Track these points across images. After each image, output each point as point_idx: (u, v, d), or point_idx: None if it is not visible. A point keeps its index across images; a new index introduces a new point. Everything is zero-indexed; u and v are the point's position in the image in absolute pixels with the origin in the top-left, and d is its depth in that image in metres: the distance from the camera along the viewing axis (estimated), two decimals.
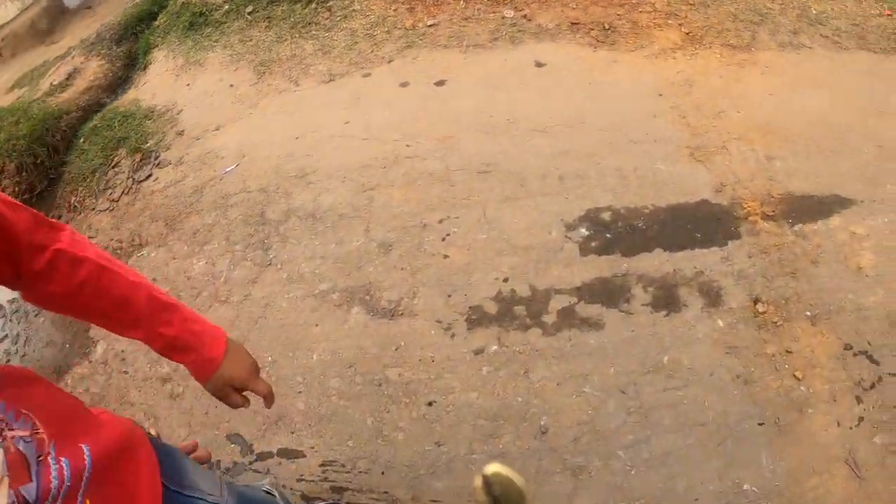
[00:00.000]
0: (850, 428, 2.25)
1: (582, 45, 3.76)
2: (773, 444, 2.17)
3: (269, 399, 1.16)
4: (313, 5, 4.18)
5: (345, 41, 3.91)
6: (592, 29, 3.89)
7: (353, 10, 4.11)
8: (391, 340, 2.34)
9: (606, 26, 3.89)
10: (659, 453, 2.13)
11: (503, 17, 3.95)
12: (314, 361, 2.35)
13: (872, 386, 2.36)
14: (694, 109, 3.15)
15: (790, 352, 2.34)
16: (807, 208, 2.76)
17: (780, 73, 3.57)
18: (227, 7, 4.32)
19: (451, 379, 2.24)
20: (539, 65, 3.57)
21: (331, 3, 4.20)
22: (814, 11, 4.32)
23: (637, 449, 2.13)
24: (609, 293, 2.41)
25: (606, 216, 2.63)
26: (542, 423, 2.15)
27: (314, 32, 4.03)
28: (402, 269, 2.55)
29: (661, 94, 3.26)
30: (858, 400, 2.31)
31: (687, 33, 3.86)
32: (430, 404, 2.21)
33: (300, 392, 2.29)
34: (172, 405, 2.37)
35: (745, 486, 2.09)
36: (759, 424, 2.20)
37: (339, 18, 4.09)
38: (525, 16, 3.96)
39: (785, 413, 2.23)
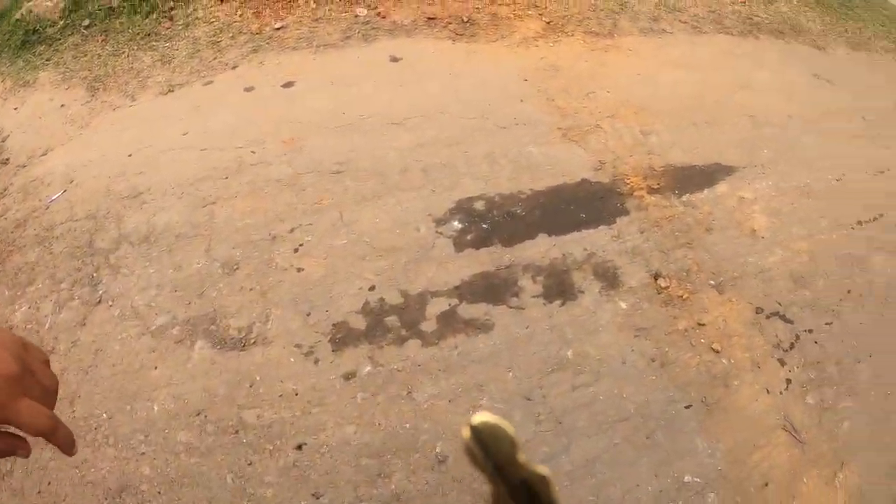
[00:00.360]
0: (780, 393, 2.57)
1: (440, 38, 4.21)
2: (705, 425, 2.39)
3: (58, 439, 0.78)
4: (154, 15, 4.42)
5: (186, 50, 4.10)
6: (450, 23, 4.38)
7: (197, 17, 4.37)
8: (244, 376, 2.31)
9: (465, 19, 4.41)
10: (582, 462, 2.24)
11: (356, 16, 4.35)
12: (156, 413, 2.24)
13: (792, 346, 2.73)
14: (562, 92, 3.61)
15: (703, 324, 2.64)
16: (691, 178, 3.22)
17: (645, 56, 4.22)
18: (62, 23, 4.48)
19: (321, 413, 2.23)
20: (394, 60, 3.91)
21: (173, 11, 4.45)
22: (671, 0, 5.20)
23: (556, 461, 2.23)
24: (494, 289, 2.58)
25: (480, 205, 2.86)
26: (437, 450, 2.19)
27: (154, 43, 4.21)
28: (250, 289, 2.56)
29: (526, 80, 3.71)
30: (781, 362, 2.65)
31: (548, 23, 4.48)
32: (299, 448, 2.17)
33: (143, 453, 2.16)
34: (0, 486, 2.13)
35: (686, 478, 2.27)
36: (686, 408, 2.41)
37: (181, 27, 4.32)
38: (379, 13, 4.40)
39: (711, 390, 2.48)
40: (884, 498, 2.45)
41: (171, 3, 4.47)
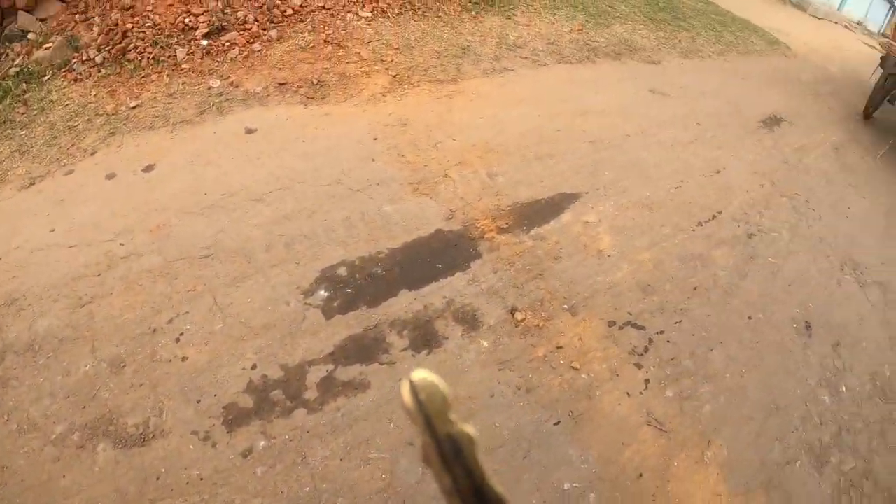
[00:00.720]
0: (641, 393, 3.07)
1: (292, 104, 4.61)
2: (575, 437, 2.84)
3: None
4: (8, 101, 4.50)
5: (44, 137, 4.23)
6: (301, 87, 4.80)
7: (51, 100, 4.51)
8: (150, 470, 2.54)
9: (315, 82, 4.84)
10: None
11: (209, 88, 4.68)
12: None
13: (646, 349, 3.26)
14: (411, 146, 4.09)
15: (560, 347, 3.12)
16: (538, 212, 3.76)
17: (488, 97, 4.80)
18: None
19: (228, 493, 2.50)
20: (249, 131, 4.26)
21: (27, 95, 4.55)
22: (511, 38, 5.93)
23: None
24: (365, 349, 2.96)
25: (343, 271, 3.25)
26: None
27: (10, 132, 4.29)
28: (140, 385, 2.79)
29: (376, 138, 4.16)
30: (638, 366, 3.17)
31: (394, 76, 5.00)
32: None
33: None
34: None
35: (566, 486, 2.70)
36: (556, 424, 2.86)
37: (36, 112, 4.44)
38: (232, 83, 4.75)
39: (575, 405, 2.95)
40: (751, 462, 3.00)
41: (24, 86, 4.65)
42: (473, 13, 6.12)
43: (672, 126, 5.21)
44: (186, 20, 5.12)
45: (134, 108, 4.48)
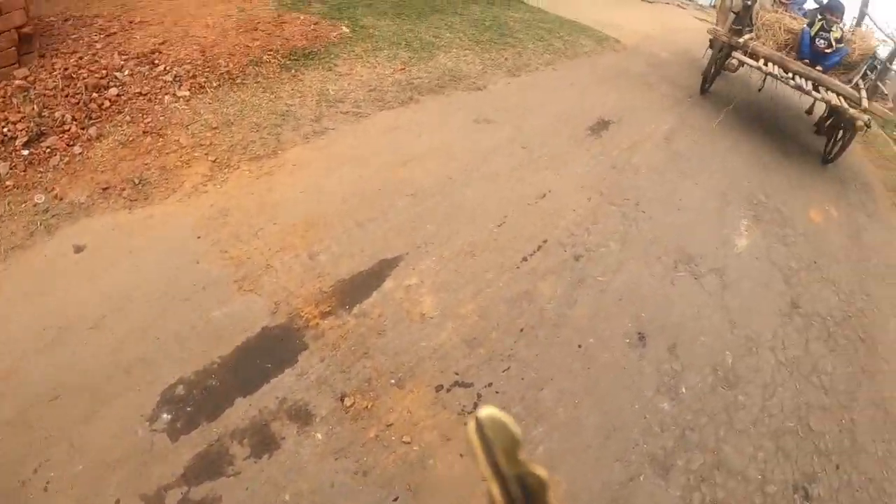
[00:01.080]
0: None
1: (116, 209, 4.72)
2: None
3: None
4: None
5: None
6: (125, 188, 4.91)
7: None
8: None
9: (137, 181, 4.97)
10: None
11: (35, 205, 4.69)
12: None
13: (475, 406, 3.67)
14: (233, 239, 4.36)
15: (391, 424, 3.51)
16: (358, 287, 4.13)
17: (309, 165, 5.13)
18: None
19: None
20: (78, 249, 4.35)
21: None
22: (331, 92, 6.25)
23: None
24: (212, 465, 3.25)
25: (181, 390, 3.51)
26: None
27: None
28: None
29: (199, 237, 4.39)
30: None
31: (214, 161, 5.22)
32: None
33: None
34: None
35: None
36: (395, 501, 3.23)
37: None
38: (56, 195, 4.78)
39: (411, 477, 3.34)
40: (592, 489, 3.45)
41: None
42: (293, 71, 6.38)
43: (496, 155, 5.66)
44: (5, 129, 5.07)
45: None
